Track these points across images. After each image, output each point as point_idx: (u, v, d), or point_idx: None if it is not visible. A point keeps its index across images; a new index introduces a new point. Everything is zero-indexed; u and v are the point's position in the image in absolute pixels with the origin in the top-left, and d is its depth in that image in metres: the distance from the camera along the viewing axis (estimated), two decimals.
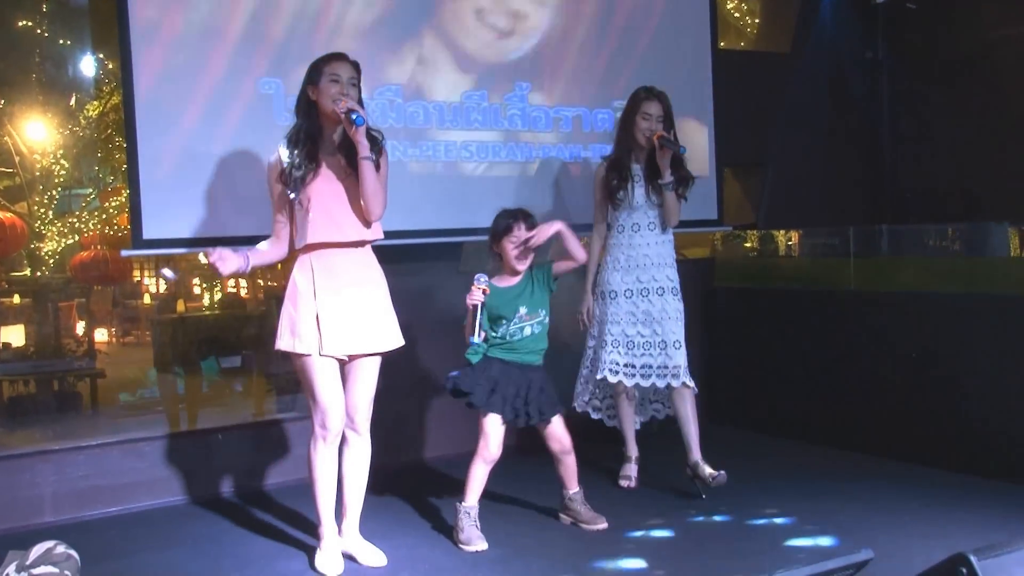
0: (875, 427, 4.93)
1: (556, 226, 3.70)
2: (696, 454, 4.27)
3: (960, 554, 2.55)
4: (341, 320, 3.44)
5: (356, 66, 3.51)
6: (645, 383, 4.34)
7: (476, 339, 3.63)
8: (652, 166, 4.31)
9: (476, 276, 3.69)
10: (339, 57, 3.49)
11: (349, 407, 3.56)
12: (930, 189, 6.22)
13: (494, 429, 3.74)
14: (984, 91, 5.88)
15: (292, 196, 3.41)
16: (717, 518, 4.02)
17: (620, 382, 4.38)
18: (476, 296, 3.64)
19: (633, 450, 4.58)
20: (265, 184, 3.59)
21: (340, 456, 3.60)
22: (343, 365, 3.54)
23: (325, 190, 3.44)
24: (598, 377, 4.40)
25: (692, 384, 4.29)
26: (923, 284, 5.17)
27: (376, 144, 3.49)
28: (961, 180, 6.02)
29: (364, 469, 3.65)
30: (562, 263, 3.87)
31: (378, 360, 3.61)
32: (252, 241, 4.42)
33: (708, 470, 4.20)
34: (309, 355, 3.42)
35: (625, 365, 4.35)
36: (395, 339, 3.62)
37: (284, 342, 3.46)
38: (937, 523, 3.83)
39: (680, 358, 4.28)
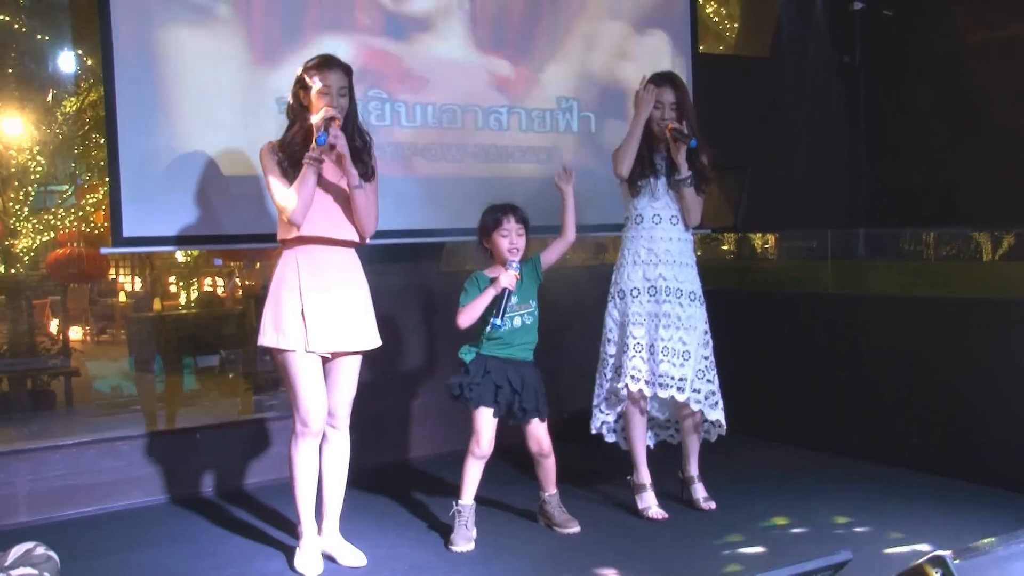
0: (854, 429, 4.97)
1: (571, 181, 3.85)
2: (695, 469, 4.19)
3: (937, 555, 2.57)
4: (327, 317, 3.44)
5: (348, 71, 3.49)
6: (664, 394, 3.96)
7: (499, 321, 3.63)
8: (671, 158, 4.05)
9: (509, 262, 3.69)
10: (330, 65, 3.45)
11: (331, 405, 3.56)
12: (906, 192, 6.27)
13: (485, 425, 3.74)
14: (959, 96, 5.93)
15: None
16: (696, 519, 4.04)
17: (640, 390, 3.99)
18: (510, 280, 3.65)
19: (647, 476, 4.12)
20: (257, 179, 3.60)
21: (320, 454, 3.59)
22: (325, 362, 3.53)
23: (324, 186, 3.44)
24: (619, 385, 4.04)
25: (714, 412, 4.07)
26: (900, 287, 5.21)
27: (366, 150, 3.53)
28: (937, 184, 6.07)
29: (344, 466, 3.65)
30: (550, 252, 3.89)
31: (360, 359, 3.61)
32: (235, 240, 4.44)
33: (703, 493, 4.14)
34: (294, 351, 3.41)
35: (649, 372, 3.97)
36: (375, 339, 3.62)
37: (268, 338, 3.44)
38: (916, 525, 3.86)
39: (692, 371, 3.98)
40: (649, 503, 4.06)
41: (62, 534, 3.90)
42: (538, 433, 3.86)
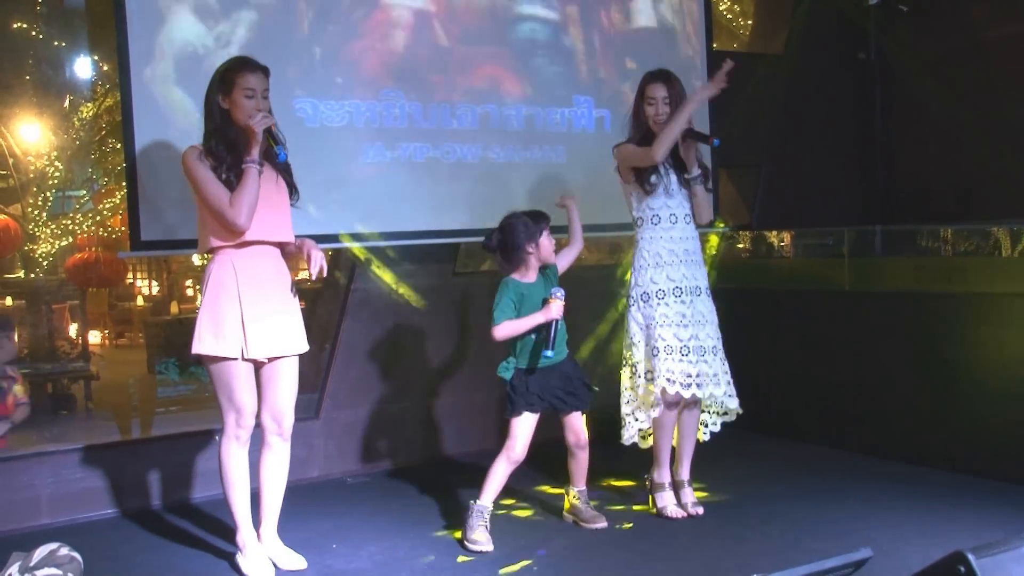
0: (872, 427, 4.96)
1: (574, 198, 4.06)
2: (687, 472, 4.14)
3: (958, 552, 2.55)
4: (265, 322, 3.41)
5: (267, 73, 3.45)
6: (702, 393, 3.95)
7: (550, 352, 3.67)
8: (676, 157, 4.01)
9: (553, 290, 3.73)
10: (251, 67, 3.42)
11: (275, 411, 3.54)
12: (923, 189, 6.24)
13: (523, 429, 3.75)
14: (976, 91, 5.89)
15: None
16: (713, 517, 4.03)
17: (677, 392, 3.89)
18: (560, 310, 3.69)
19: (668, 476, 4.11)
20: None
21: (260, 462, 3.59)
22: (259, 368, 3.51)
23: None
24: (654, 388, 3.94)
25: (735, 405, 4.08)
26: (917, 284, 5.18)
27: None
28: (953, 180, 6.03)
29: (284, 474, 3.63)
30: (564, 259, 3.95)
31: (297, 361, 3.58)
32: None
33: (693, 498, 4.12)
34: (234, 359, 3.39)
35: (683, 374, 3.90)
36: (305, 343, 3.60)
37: (206, 346, 3.39)
38: (934, 522, 3.85)
39: (722, 364, 4.03)
40: (667, 502, 4.06)
41: (84, 536, 3.91)
42: (577, 424, 3.89)
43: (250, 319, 3.38)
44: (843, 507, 4.09)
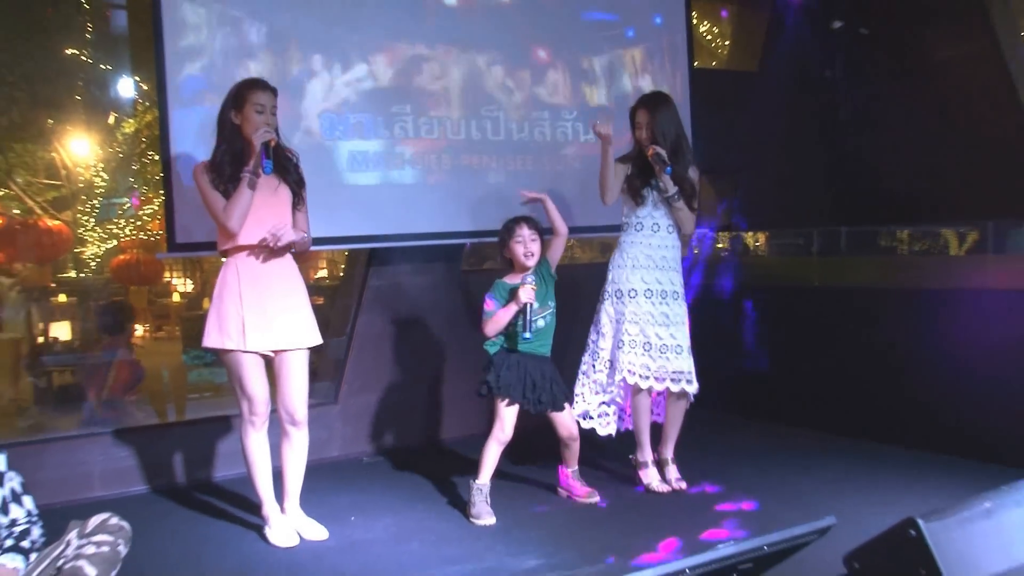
0: (836, 408, 4.97)
1: (541, 195, 3.93)
2: (671, 452, 4.15)
3: (910, 518, 2.59)
4: (264, 318, 3.42)
5: (275, 92, 3.48)
6: (660, 387, 3.98)
7: (528, 334, 3.67)
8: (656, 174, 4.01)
9: (524, 277, 3.72)
10: (262, 86, 3.45)
11: (287, 405, 3.54)
12: (884, 194, 6.25)
13: (509, 414, 3.77)
14: (927, 107, 5.92)
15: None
16: (695, 490, 4.06)
17: (636, 384, 3.97)
18: (529, 294, 3.67)
19: (650, 454, 4.13)
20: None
21: (280, 447, 3.60)
22: (270, 361, 3.52)
23: (258, 198, 3.42)
24: (616, 379, 4.02)
25: (695, 390, 4.04)
26: (878, 280, 5.21)
27: (292, 164, 3.55)
28: (910, 185, 6.05)
29: (304, 458, 3.64)
30: (553, 251, 3.91)
31: (305, 355, 3.57)
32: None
33: (676, 473, 4.12)
34: (236, 351, 3.41)
35: (642, 366, 3.96)
36: (315, 337, 3.58)
37: (212, 339, 3.43)
38: (890, 492, 3.88)
39: (691, 363, 4.03)
40: (652, 478, 4.08)
41: (130, 506, 3.91)
42: (566, 420, 3.90)
43: (249, 315, 3.39)
44: (810, 481, 4.12)
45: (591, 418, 4.15)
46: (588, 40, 5.39)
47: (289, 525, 3.58)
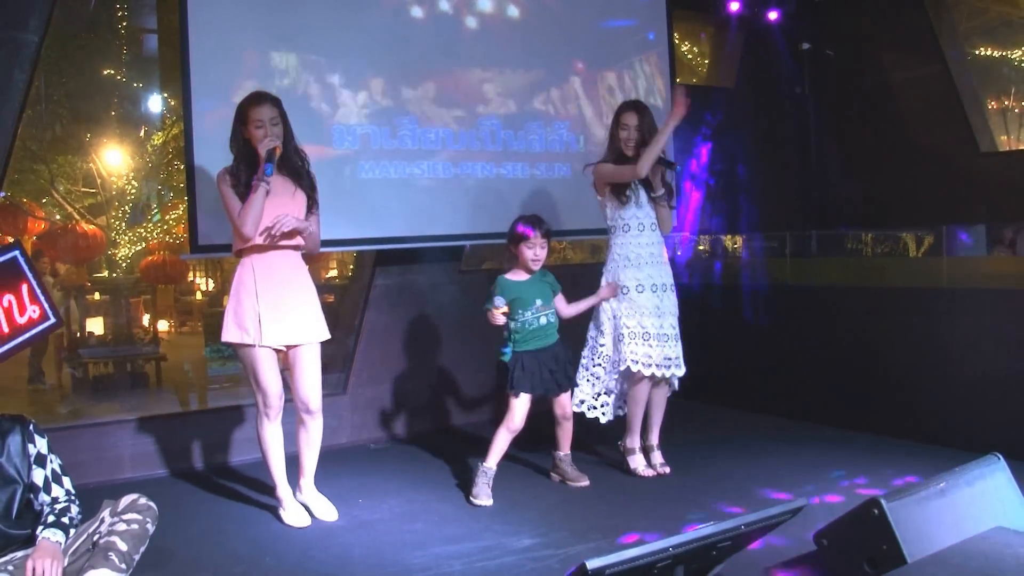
0: (807, 398, 4.95)
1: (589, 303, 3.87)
2: (656, 438, 4.12)
3: (874, 498, 2.58)
4: (278, 314, 3.38)
5: (276, 103, 3.42)
6: (660, 373, 3.91)
7: (507, 349, 3.69)
8: (645, 177, 3.93)
9: (488, 303, 3.64)
10: (259, 100, 3.40)
11: (301, 396, 3.50)
12: (849, 200, 6.26)
13: (521, 405, 3.72)
14: (888, 121, 5.95)
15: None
16: (676, 476, 4.02)
17: (639, 372, 3.90)
18: (499, 319, 3.63)
19: (638, 441, 4.08)
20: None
21: (296, 433, 3.57)
22: (284, 355, 3.49)
23: (271, 201, 3.38)
24: (621, 368, 3.93)
25: (683, 373, 3.99)
26: (845, 279, 5.20)
27: (304, 167, 3.50)
28: (873, 193, 6.06)
29: (318, 442, 3.60)
30: (561, 303, 3.85)
31: (317, 348, 3.53)
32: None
33: (662, 459, 4.08)
34: (253, 345, 3.37)
35: (645, 355, 3.89)
36: (324, 332, 3.54)
37: (230, 335, 3.39)
38: (857, 476, 3.85)
39: (680, 350, 3.99)
40: (639, 464, 4.05)
41: (158, 487, 3.91)
42: (564, 400, 3.86)
43: (265, 312, 3.36)
44: (783, 465, 4.09)
45: (593, 408, 4.10)
46: (583, 56, 5.37)
47: (300, 507, 3.56)
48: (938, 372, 4.32)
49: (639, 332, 3.91)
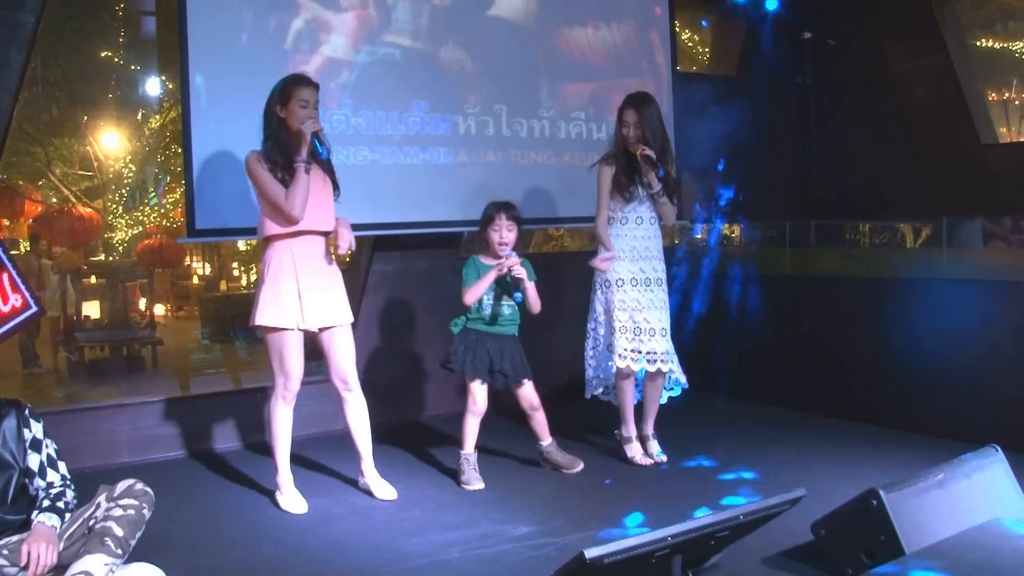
0: (805, 387, 4.94)
1: (523, 275, 3.68)
2: (651, 428, 4.11)
3: (872, 489, 2.58)
4: (318, 297, 3.42)
5: (317, 88, 3.45)
6: (651, 368, 3.92)
7: (519, 295, 3.64)
8: (640, 171, 3.94)
9: (508, 254, 3.67)
10: (307, 82, 3.42)
11: (339, 373, 3.54)
12: (849, 190, 6.24)
13: (477, 389, 3.75)
14: (888, 112, 5.92)
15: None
16: (673, 464, 4.02)
17: (628, 366, 3.91)
18: (513, 263, 3.63)
19: (634, 430, 4.07)
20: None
21: (344, 415, 3.60)
22: (315, 337, 3.51)
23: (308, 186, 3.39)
24: (609, 363, 4.00)
25: (669, 369, 3.98)
26: (844, 269, 5.19)
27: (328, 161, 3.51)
28: (872, 183, 6.04)
29: (366, 419, 3.64)
30: (526, 293, 3.75)
31: (350, 328, 3.57)
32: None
33: (657, 448, 4.08)
34: (288, 329, 3.38)
35: (632, 351, 3.90)
36: (350, 314, 3.59)
37: (267, 318, 3.38)
38: (855, 465, 3.86)
39: (670, 344, 3.99)
40: (635, 452, 4.04)
41: (154, 472, 3.89)
42: (526, 392, 3.84)
43: (306, 295, 3.38)
44: (782, 455, 4.08)
45: (608, 392, 4.15)
46: (577, 44, 5.32)
47: (298, 493, 3.54)
48: (937, 363, 4.31)
49: (630, 327, 3.91)
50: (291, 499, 3.51)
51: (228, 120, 4.19)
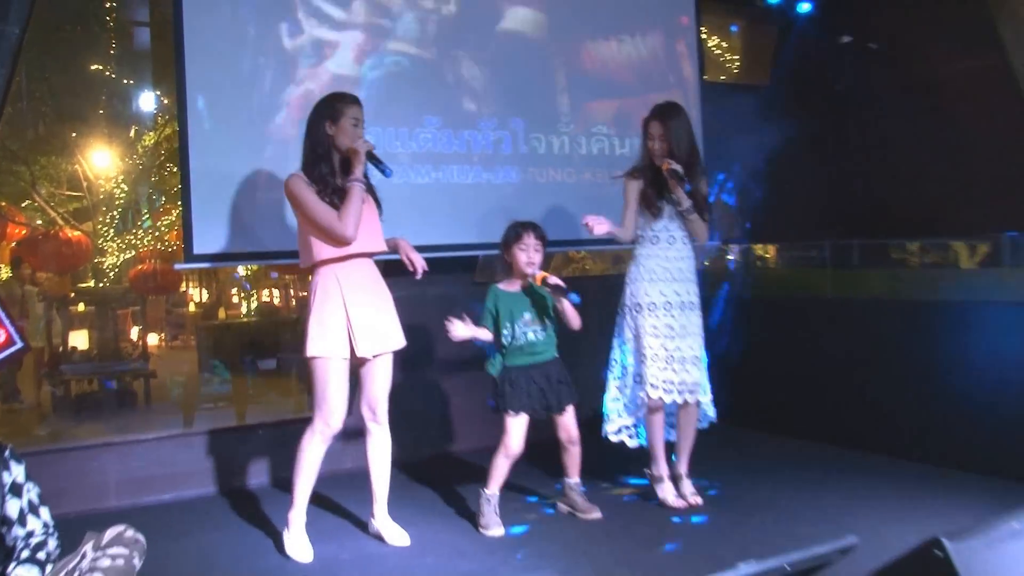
0: (854, 423, 4.86)
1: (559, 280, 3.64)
2: (685, 466, 4.04)
3: (935, 538, 2.49)
4: (368, 324, 3.43)
5: (361, 104, 3.51)
6: (686, 400, 3.89)
7: (576, 296, 3.61)
8: (668, 186, 3.90)
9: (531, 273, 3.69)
10: (357, 101, 3.47)
11: (371, 401, 3.55)
12: (893, 207, 6.18)
13: (516, 428, 3.67)
14: (939, 118, 5.85)
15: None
16: (709, 507, 3.93)
17: (660, 398, 3.86)
18: (551, 278, 3.62)
19: (665, 468, 3.99)
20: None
21: (366, 449, 3.59)
22: (358, 365, 3.50)
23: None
24: (640, 393, 3.93)
25: (708, 400, 3.98)
26: (891, 292, 5.12)
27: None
28: (921, 198, 5.98)
29: (388, 456, 3.64)
30: (563, 309, 3.71)
31: (392, 356, 3.60)
32: (287, 256, 4.39)
33: (692, 488, 4.00)
34: (336, 359, 3.38)
35: (665, 381, 3.86)
36: (402, 339, 3.62)
37: (317, 348, 3.39)
38: (912, 510, 3.76)
39: (703, 374, 3.95)
40: (667, 493, 3.97)
41: (145, 517, 3.88)
42: (567, 422, 3.79)
43: (356, 323, 3.40)
44: (828, 497, 4.00)
45: (633, 436, 4.08)
46: (599, 57, 5.33)
47: (305, 538, 3.50)
48: (1001, 396, 4.20)
49: (662, 355, 3.87)
50: (297, 543, 3.46)
51: (228, 137, 4.22)
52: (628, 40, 5.45)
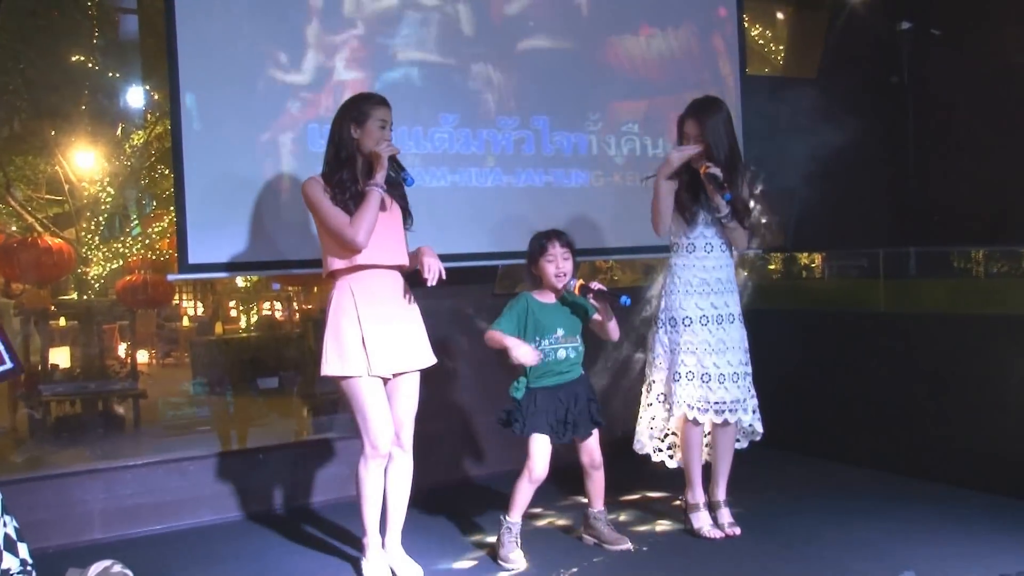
0: (910, 448, 4.85)
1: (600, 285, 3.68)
2: (723, 493, 4.06)
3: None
4: (386, 341, 3.47)
5: (390, 107, 3.57)
6: (720, 419, 3.92)
7: (627, 298, 3.59)
8: (705, 190, 3.93)
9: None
10: (385, 102, 3.54)
11: (396, 421, 3.58)
12: (956, 211, 6.15)
13: (540, 451, 3.70)
14: (1008, 114, 5.82)
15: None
16: (747, 538, 3.96)
17: (695, 418, 3.91)
18: (530, 359, 3.66)
19: (702, 496, 4.04)
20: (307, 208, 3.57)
21: (386, 474, 3.62)
22: (385, 383, 3.54)
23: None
24: (675, 415, 3.96)
25: (751, 419, 4.00)
26: (953, 305, 5.10)
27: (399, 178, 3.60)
28: (987, 201, 5.95)
29: (407, 485, 3.67)
30: (597, 323, 3.80)
31: (418, 376, 3.64)
32: (292, 265, 4.45)
33: (730, 518, 4.02)
34: (358, 377, 3.43)
35: (700, 399, 3.90)
36: (431, 357, 3.66)
37: (333, 367, 3.45)
38: (974, 544, 3.75)
39: (744, 391, 3.96)
40: (703, 522, 3.99)
41: (134, 551, 3.92)
42: (591, 445, 3.83)
43: (371, 340, 3.44)
44: (881, 528, 4.01)
45: (658, 450, 4.15)
46: (628, 53, 5.38)
47: (385, 562, 3.58)
48: None
49: (698, 372, 3.90)
50: (375, 568, 3.55)
51: (226, 138, 4.26)
52: (660, 36, 5.48)
